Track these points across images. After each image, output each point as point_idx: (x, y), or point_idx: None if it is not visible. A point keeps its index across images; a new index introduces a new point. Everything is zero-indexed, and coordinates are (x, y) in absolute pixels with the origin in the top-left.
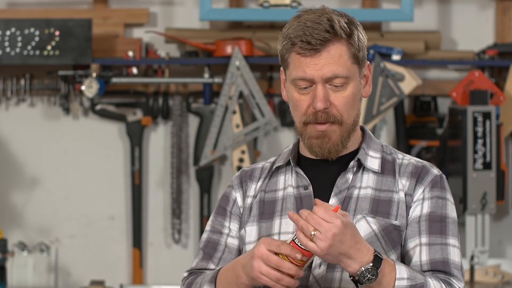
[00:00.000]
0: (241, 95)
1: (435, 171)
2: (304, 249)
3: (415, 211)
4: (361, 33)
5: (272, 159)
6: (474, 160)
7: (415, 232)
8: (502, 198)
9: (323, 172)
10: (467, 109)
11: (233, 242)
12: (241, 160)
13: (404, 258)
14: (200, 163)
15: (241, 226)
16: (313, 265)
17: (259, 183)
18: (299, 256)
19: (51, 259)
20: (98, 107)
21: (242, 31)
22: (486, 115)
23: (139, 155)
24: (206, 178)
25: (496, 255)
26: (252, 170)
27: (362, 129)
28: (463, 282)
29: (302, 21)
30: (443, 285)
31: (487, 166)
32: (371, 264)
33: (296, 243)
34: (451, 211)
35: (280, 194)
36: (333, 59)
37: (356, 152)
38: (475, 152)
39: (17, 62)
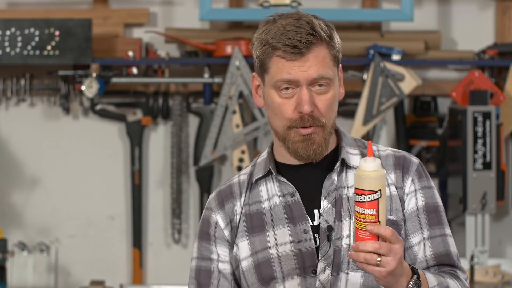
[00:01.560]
0: (241, 95)
1: (415, 159)
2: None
3: (410, 204)
4: (337, 36)
5: (246, 171)
6: (474, 160)
7: (416, 226)
8: (502, 198)
9: (306, 177)
10: (467, 109)
11: (225, 267)
12: (241, 160)
13: (406, 253)
14: (200, 163)
15: (232, 245)
16: (318, 270)
17: (243, 198)
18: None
19: (51, 259)
20: (98, 107)
21: (242, 31)
22: (486, 115)
23: (139, 155)
24: (206, 178)
25: (496, 255)
26: (230, 187)
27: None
28: (465, 272)
29: (280, 26)
30: (456, 282)
31: (487, 166)
32: (416, 276)
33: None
34: (439, 199)
35: (266, 204)
36: (318, 61)
37: (334, 151)
38: (475, 152)
39: (17, 62)
